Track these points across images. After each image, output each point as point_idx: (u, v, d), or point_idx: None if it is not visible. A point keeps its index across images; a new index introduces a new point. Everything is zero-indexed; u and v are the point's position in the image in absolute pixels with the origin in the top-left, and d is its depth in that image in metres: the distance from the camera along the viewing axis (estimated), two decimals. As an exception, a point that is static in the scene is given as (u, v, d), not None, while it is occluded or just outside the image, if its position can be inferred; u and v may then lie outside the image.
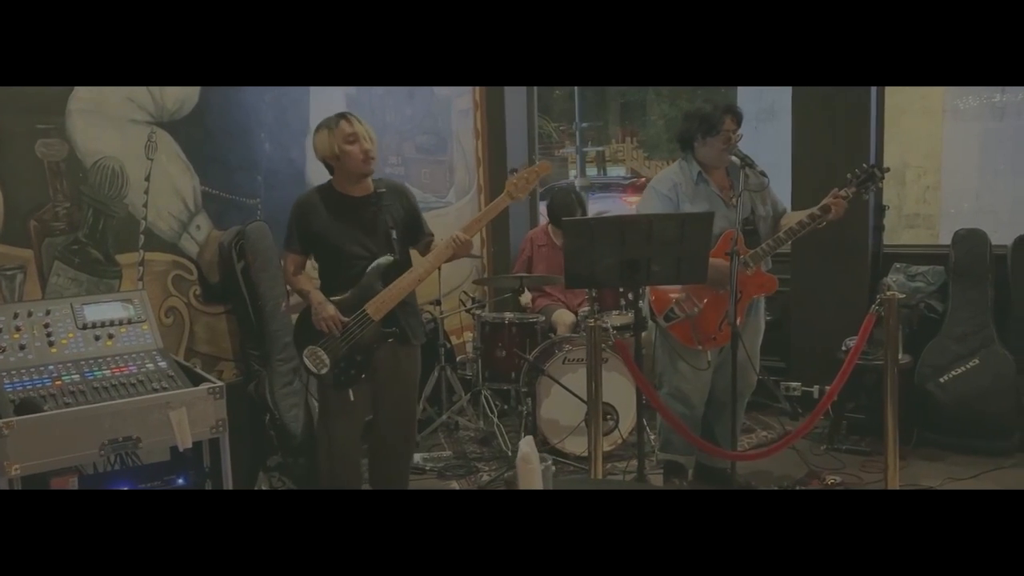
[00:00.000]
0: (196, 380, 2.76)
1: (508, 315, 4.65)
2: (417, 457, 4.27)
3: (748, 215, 3.55)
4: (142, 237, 3.44)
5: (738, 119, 3.50)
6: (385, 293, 3.07)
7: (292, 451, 3.78)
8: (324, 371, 3.09)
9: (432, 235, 3.37)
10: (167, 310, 3.55)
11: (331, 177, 3.19)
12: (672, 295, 3.53)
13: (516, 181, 3.10)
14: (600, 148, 12.11)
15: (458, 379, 4.78)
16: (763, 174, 3.54)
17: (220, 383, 2.62)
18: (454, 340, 5.23)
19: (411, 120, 5.02)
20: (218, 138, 3.77)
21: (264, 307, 3.75)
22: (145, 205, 3.45)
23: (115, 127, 3.31)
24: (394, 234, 3.14)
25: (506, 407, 4.75)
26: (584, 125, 11.22)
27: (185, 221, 3.63)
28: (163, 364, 2.72)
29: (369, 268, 3.09)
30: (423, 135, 5.12)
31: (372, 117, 4.71)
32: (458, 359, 5.17)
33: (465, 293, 4.89)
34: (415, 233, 3.31)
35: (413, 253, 3.35)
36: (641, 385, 3.13)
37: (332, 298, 3.07)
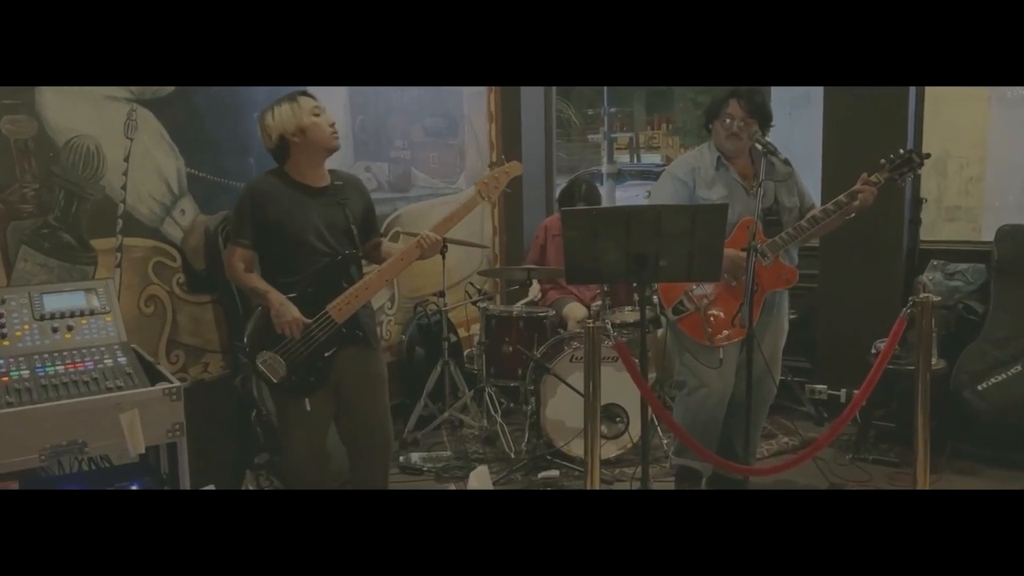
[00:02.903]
0: (160, 379, 2.55)
1: (516, 308, 4.42)
2: (415, 457, 4.07)
3: (771, 204, 3.29)
4: (120, 221, 3.24)
5: (748, 106, 3.21)
6: (349, 294, 2.85)
7: (279, 449, 3.57)
8: (281, 378, 2.86)
9: (382, 236, 3.21)
10: (147, 299, 3.36)
11: (282, 163, 2.95)
12: (681, 286, 3.28)
13: (487, 181, 2.93)
14: (629, 134, 11.75)
15: (463, 374, 4.55)
16: (787, 162, 3.26)
17: (177, 383, 2.40)
18: (462, 333, 5.00)
19: (418, 101, 4.78)
20: (206, 118, 3.56)
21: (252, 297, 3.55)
22: (124, 187, 3.25)
23: (90, 104, 3.10)
24: (354, 229, 2.95)
25: (512, 405, 4.51)
26: (612, 110, 10.87)
27: (168, 205, 3.43)
28: (123, 360, 2.52)
29: (331, 266, 2.88)
30: (432, 117, 4.88)
31: (376, 96, 4.51)
32: (465, 353, 4.95)
33: (472, 284, 4.66)
34: (368, 231, 3.09)
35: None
36: (642, 391, 2.87)
37: (288, 296, 2.84)
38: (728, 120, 3.23)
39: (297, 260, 2.87)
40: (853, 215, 3.15)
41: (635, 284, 3.94)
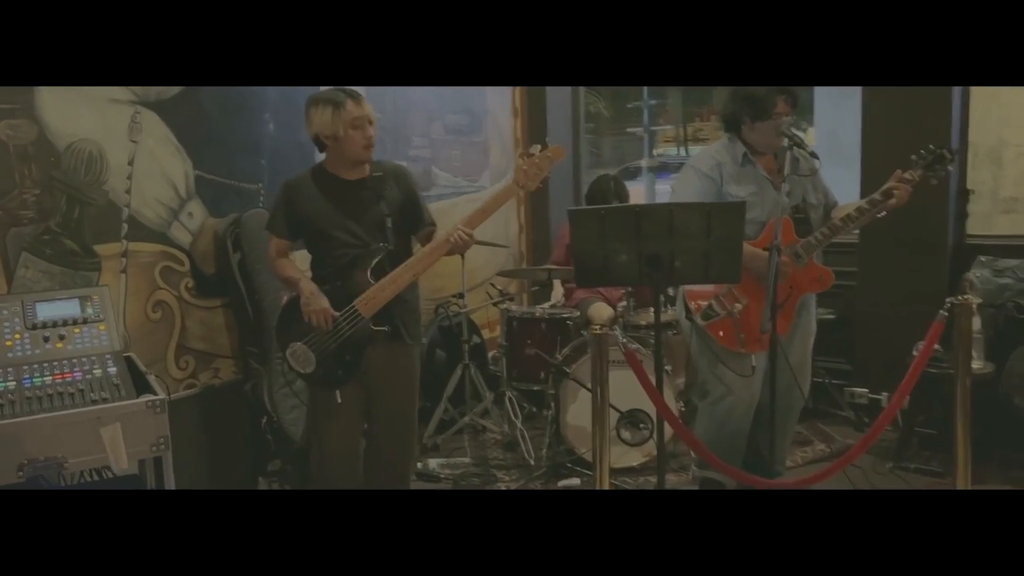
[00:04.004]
0: (150, 390, 2.47)
1: (538, 310, 4.28)
2: (433, 463, 3.96)
3: (799, 202, 3.10)
4: (125, 226, 3.19)
5: (793, 100, 3.02)
6: (376, 288, 2.77)
7: (291, 456, 3.51)
8: (310, 370, 2.83)
9: (434, 225, 3.07)
10: (155, 304, 3.30)
11: (323, 156, 2.93)
12: (711, 290, 3.11)
13: (527, 168, 2.73)
14: (670, 127, 11.50)
15: (485, 377, 4.43)
16: (814, 155, 3.08)
17: (161, 396, 2.32)
18: (486, 334, 4.88)
19: (440, 97, 4.67)
20: (215, 118, 3.49)
21: (262, 301, 3.48)
22: (128, 191, 3.20)
23: (92, 107, 3.05)
24: (389, 222, 2.84)
25: (534, 409, 4.38)
26: (653, 103, 10.64)
27: (175, 208, 3.37)
28: (112, 370, 2.45)
29: (359, 258, 2.81)
30: (453, 114, 4.76)
31: (395, 93, 4.40)
32: (490, 355, 4.83)
33: (493, 285, 4.53)
34: (413, 221, 3.00)
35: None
36: (655, 402, 2.72)
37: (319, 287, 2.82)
38: (777, 119, 3.02)
39: (329, 253, 2.86)
40: (884, 213, 2.95)
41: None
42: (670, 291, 3.87)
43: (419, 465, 3.94)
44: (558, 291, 4.45)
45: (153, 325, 3.29)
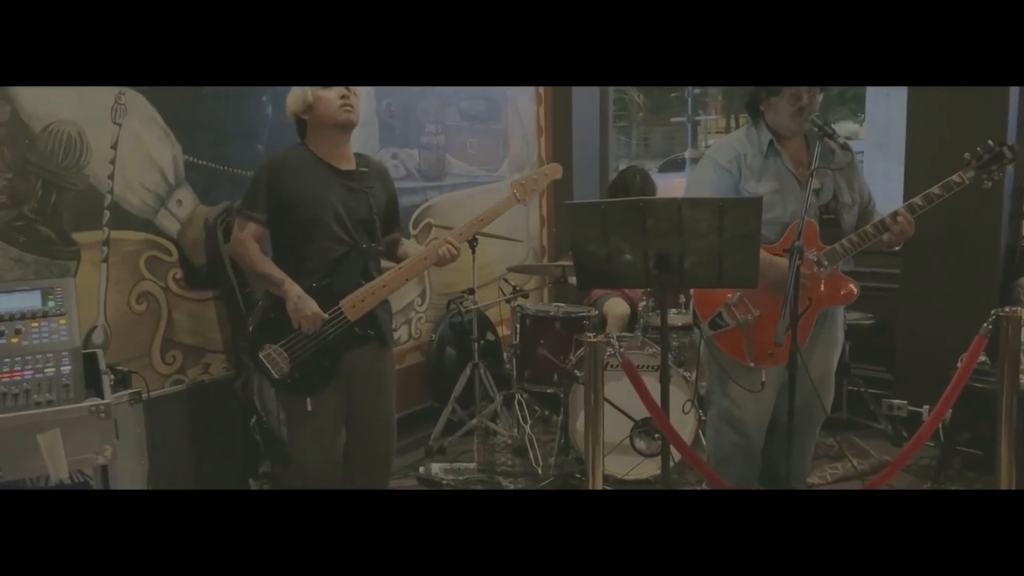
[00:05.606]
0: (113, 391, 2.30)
1: (552, 308, 4.04)
2: (436, 468, 3.76)
3: (829, 200, 2.80)
4: (107, 213, 3.03)
5: None
6: (365, 291, 2.60)
7: (281, 458, 3.33)
8: (283, 375, 2.63)
9: (401, 233, 2.93)
10: (139, 295, 3.14)
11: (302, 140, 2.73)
12: (720, 297, 2.83)
13: (524, 182, 2.75)
14: (714, 116, 11.15)
15: (494, 378, 4.20)
16: (846, 147, 2.79)
17: (106, 401, 2.14)
18: (502, 332, 4.66)
19: (455, 81, 4.44)
20: (206, 101, 3.31)
21: (254, 294, 3.29)
22: (111, 176, 3.03)
23: (72, 87, 2.88)
24: (376, 222, 2.70)
25: (547, 413, 4.14)
26: (696, 91, 10.28)
27: (163, 195, 3.20)
28: (66, 369, 2.27)
29: (348, 257, 2.64)
30: (470, 99, 4.53)
31: (407, 78, 4.18)
32: (505, 354, 4.60)
33: (506, 281, 4.30)
34: (389, 225, 2.84)
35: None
36: (651, 410, 2.48)
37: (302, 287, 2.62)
38: (792, 94, 2.73)
39: (312, 245, 2.62)
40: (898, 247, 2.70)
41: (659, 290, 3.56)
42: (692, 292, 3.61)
43: (420, 469, 3.75)
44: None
45: (137, 318, 3.13)
